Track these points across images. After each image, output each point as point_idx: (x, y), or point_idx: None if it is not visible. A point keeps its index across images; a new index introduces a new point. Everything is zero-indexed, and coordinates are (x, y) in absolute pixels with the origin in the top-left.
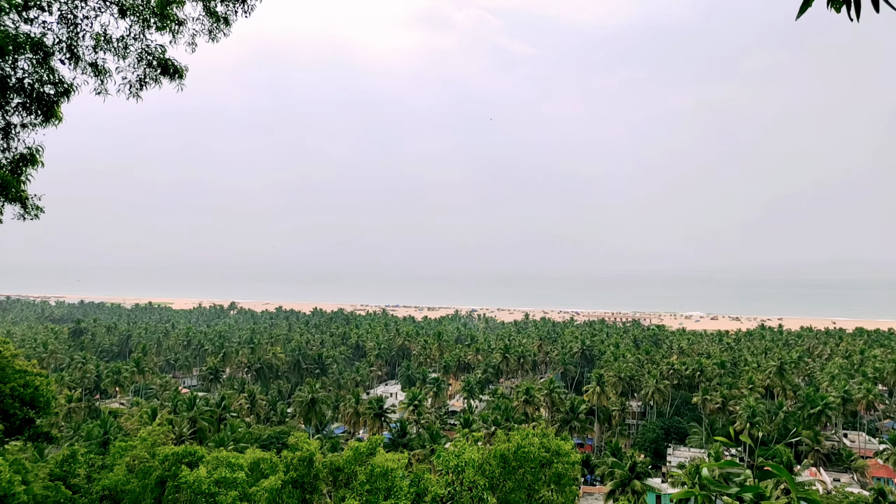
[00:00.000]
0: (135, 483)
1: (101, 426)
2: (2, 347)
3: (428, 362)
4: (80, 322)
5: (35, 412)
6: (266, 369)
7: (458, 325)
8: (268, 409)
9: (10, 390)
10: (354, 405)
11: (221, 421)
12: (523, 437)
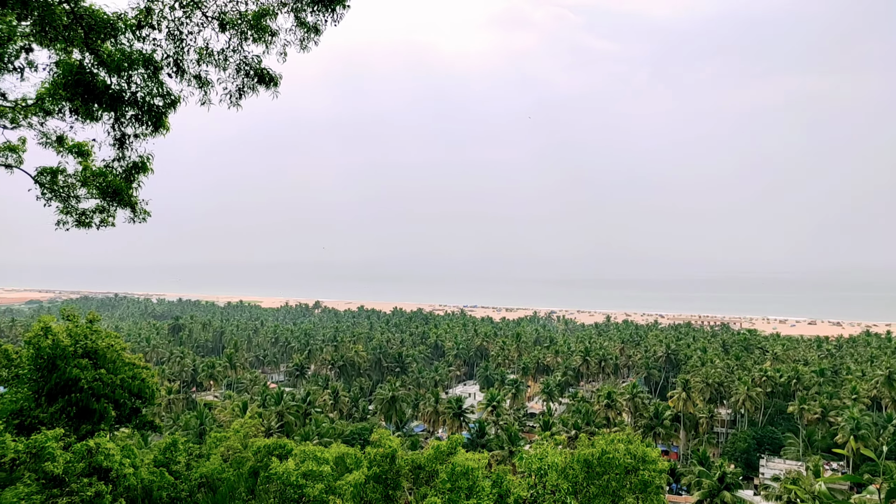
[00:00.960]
0: (230, 472)
1: (198, 417)
2: (114, 341)
3: (506, 363)
4: (179, 319)
5: (141, 402)
6: (348, 367)
7: (536, 327)
8: (350, 406)
9: (120, 381)
10: (434, 404)
11: (307, 416)
12: (608, 442)
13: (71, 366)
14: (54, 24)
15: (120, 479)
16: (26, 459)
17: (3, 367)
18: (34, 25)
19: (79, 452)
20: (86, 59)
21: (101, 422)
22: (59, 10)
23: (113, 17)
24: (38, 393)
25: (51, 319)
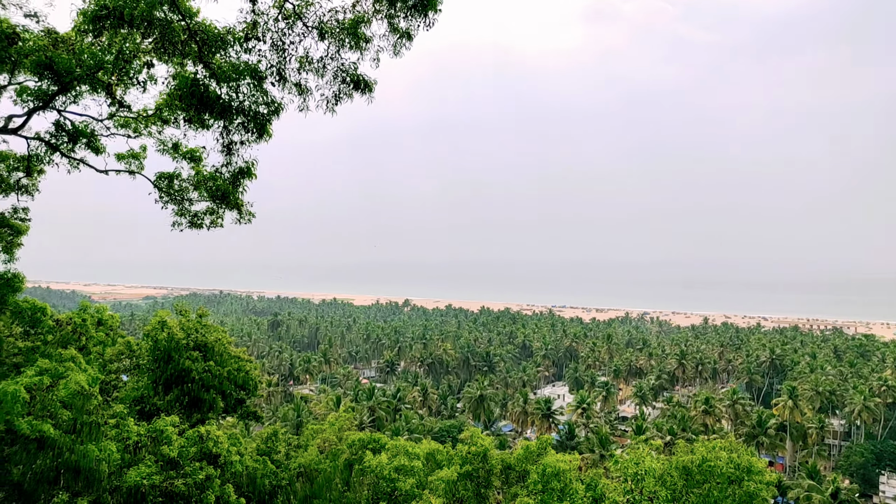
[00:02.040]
0: (326, 464)
1: (295, 409)
2: (221, 335)
3: (596, 365)
4: (277, 315)
5: (245, 394)
6: (437, 364)
7: (628, 328)
8: (439, 403)
9: (227, 373)
10: (522, 404)
11: (397, 412)
12: (709, 449)
13: (184, 358)
14: (173, 40)
15: (227, 465)
16: (147, 443)
17: (125, 357)
18: (155, 42)
19: (191, 438)
20: (199, 71)
21: (210, 411)
22: (177, 27)
23: (223, 31)
24: (156, 382)
25: (166, 314)
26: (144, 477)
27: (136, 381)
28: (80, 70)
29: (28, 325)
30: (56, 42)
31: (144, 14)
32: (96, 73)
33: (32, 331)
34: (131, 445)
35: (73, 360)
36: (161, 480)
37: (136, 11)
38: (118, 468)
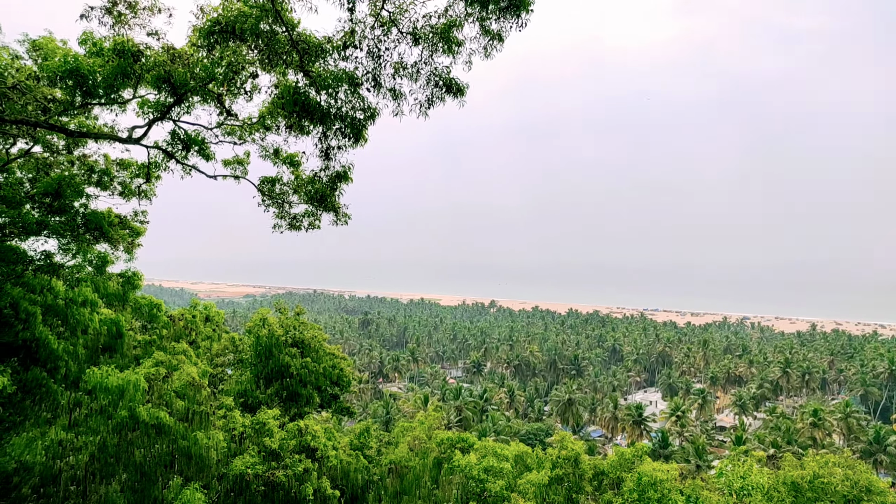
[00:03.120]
0: (416, 461)
1: (384, 407)
2: (316, 333)
3: (691, 372)
4: (368, 314)
5: (339, 389)
6: (523, 366)
7: (727, 334)
8: (525, 406)
9: (322, 370)
10: (612, 409)
11: (483, 412)
12: (821, 465)
13: (283, 354)
14: (277, 50)
15: (324, 458)
16: (251, 434)
17: (230, 352)
18: (261, 53)
19: (291, 431)
20: (299, 80)
21: (307, 405)
22: (281, 38)
23: (323, 40)
24: (258, 377)
25: (267, 312)
26: (249, 466)
27: (240, 375)
28: (194, 82)
29: (146, 320)
30: (173, 57)
31: (253, 27)
32: (207, 85)
33: (149, 325)
34: (237, 436)
35: (184, 353)
36: (264, 471)
37: (245, 25)
38: (225, 456)
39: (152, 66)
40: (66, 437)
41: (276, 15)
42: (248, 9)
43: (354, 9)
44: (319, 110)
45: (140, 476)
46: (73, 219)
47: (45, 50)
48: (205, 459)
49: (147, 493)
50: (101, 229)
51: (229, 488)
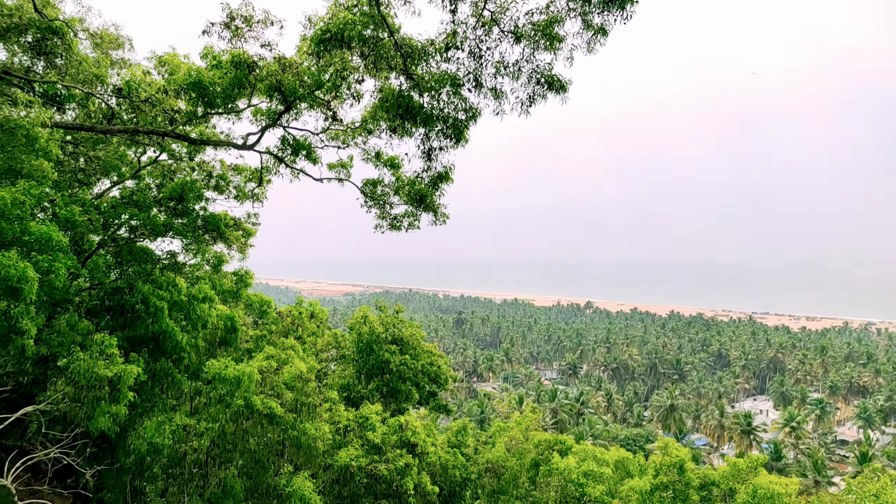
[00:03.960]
0: (513, 461)
1: (479, 406)
2: (415, 331)
3: (807, 380)
4: (461, 314)
5: (437, 387)
6: (621, 369)
7: (848, 340)
8: (624, 410)
9: (421, 367)
10: (718, 417)
11: (580, 415)
12: None
13: (383, 350)
14: (382, 55)
15: (424, 454)
16: (354, 427)
17: (332, 347)
18: (367, 59)
19: (392, 427)
20: (402, 83)
21: (406, 401)
22: (387, 43)
23: (426, 43)
24: (360, 372)
25: (367, 310)
26: (353, 459)
27: (343, 370)
28: (302, 90)
29: (257, 316)
30: (284, 67)
31: (359, 34)
32: (315, 92)
33: (260, 321)
34: (341, 428)
35: (292, 348)
36: (367, 463)
37: (352, 32)
38: (330, 448)
39: (265, 77)
40: (190, 422)
41: (381, 21)
42: (353, 16)
43: (457, 10)
44: (422, 112)
45: (254, 463)
46: (194, 221)
47: (171, 65)
48: (312, 449)
49: (261, 479)
50: (219, 230)
51: (335, 478)
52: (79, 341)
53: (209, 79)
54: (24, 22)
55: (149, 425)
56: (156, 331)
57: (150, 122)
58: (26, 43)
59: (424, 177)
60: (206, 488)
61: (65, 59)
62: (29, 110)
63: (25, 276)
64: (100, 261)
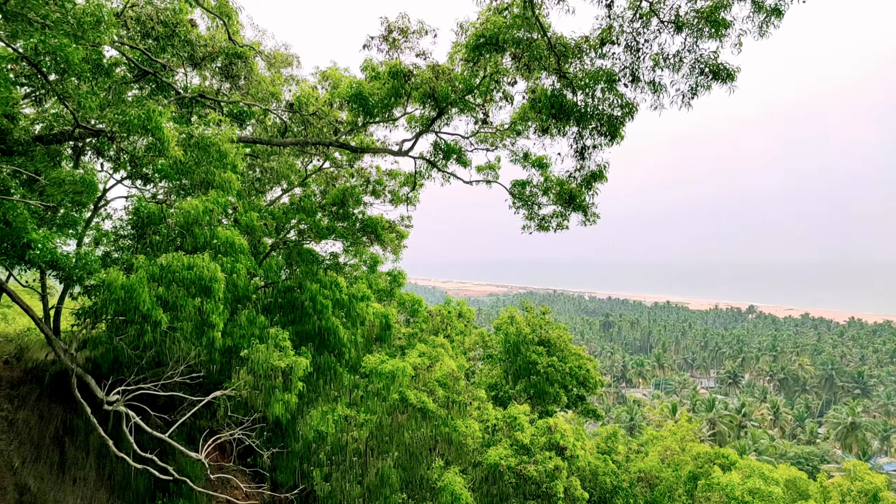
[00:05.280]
0: (668, 473)
1: (628, 412)
2: (562, 333)
3: None
4: (609, 316)
5: (585, 391)
6: (790, 380)
7: None
8: (793, 425)
9: (568, 369)
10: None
11: (741, 428)
12: None
13: (530, 351)
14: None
15: (573, 458)
16: (503, 427)
17: (479, 346)
18: (519, 60)
19: (541, 428)
20: (554, 83)
21: (553, 403)
22: (540, 43)
23: (580, 40)
24: (507, 372)
25: (514, 310)
26: (502, 458)
27: (490, 370)
28: (454, 95)
29: (409, 314)
30: (437, 74)
31: (513, 37)
32: (466, 97)
33: (412, 319)
34: (490, 427)
35: (442, 346)
36: (516, 463)
37: (506, 36)
38: (480, 445)
39: (419, 85)
40: (350, 413)
41: (534, 22)
42: (505, 20)
43: (612, 4)
44: (576, 111)
45: (408, 455)
46: (354, 224)
47: (333, 79)
48: (463, 446)
49: (414, 472)
50: (376, 233)
51: (484, 476)
52: (257, 334)
53: (368, 90)
54: (216, 50)
55: (315, 414)
56: (321, 327)
57: (317, 133)
58: (216, 68)
59: (577, 176)
60: (364, 476)
61: (247, 80)
62: (219, 128)
63: (215, 277)
64: (272, 262)
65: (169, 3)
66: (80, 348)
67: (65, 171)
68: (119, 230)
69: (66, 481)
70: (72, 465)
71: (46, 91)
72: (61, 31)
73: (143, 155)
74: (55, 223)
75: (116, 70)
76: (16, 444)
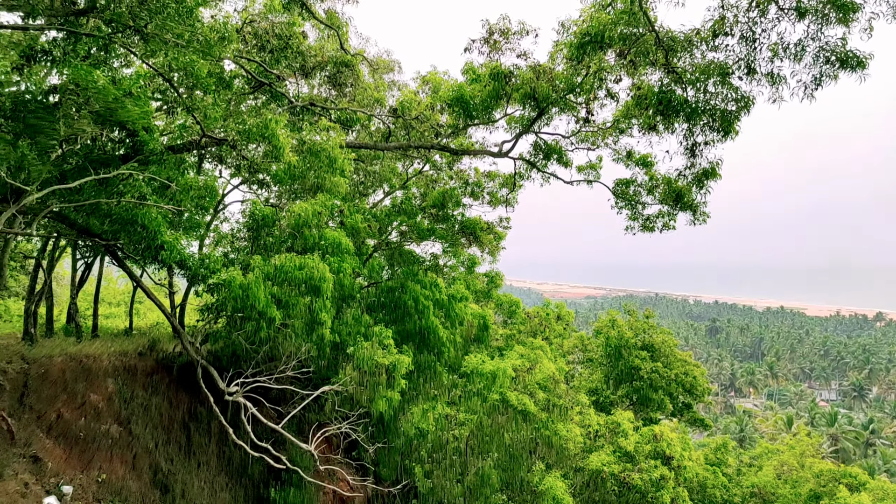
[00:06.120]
0: (785, 490)
1: (738, 423)
2: (667, 338)
3: None
4: (716, 321)
5: (692, 398)
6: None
7: None
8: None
9: (674, 376)
10: None
11: (869, 446)
12: None
13: (632, 356)
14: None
15: (681, 468)
16: (605, 433)
17: (579, 350)
18: (622, 57)
19: (645, 436)
20: (662, 78)
21: (657, 411)
22: (648, 38)
23: (690, 33)
24: (607, 377)
25: (616, 313)
26: (605, 464)
27: (590, 374)
28: (555, 95)
29: (506, 316)
30: (538, 74)
31: (620, 34)
32: (567, 96)
33: (509, 321)
34: (592, 433)
35: (541, 349)
36: (619, 471)
37: (612, 33)
38: (581, 451)
39: (520, 86)
40: (451, 412)
41: (642, 16)
42: (610, 16)
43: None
44: (686, 107)
45: (508, 457)
46: (453, 226)
47: (433, 83)
48: (564, 450)
49: (514, 473)
50: (474, 234)
51: (585, 482)
52: (362, 332)
53: (469, 93)
54: (325, 59)
55: (416, 411)
56: (422, 326)
57: (419, 137)
58: (324, 76)
59: (687, 174)
60: (464, 475)
61: (353, 86)
62: (328, 134)
63: (324, 276)
64: (375, 262)
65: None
66: (203, 342)
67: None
68: (236, 232)
69: (191, 464)
70: (196, 449)
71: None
72: (191, 48)
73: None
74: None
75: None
76: (150, 428)
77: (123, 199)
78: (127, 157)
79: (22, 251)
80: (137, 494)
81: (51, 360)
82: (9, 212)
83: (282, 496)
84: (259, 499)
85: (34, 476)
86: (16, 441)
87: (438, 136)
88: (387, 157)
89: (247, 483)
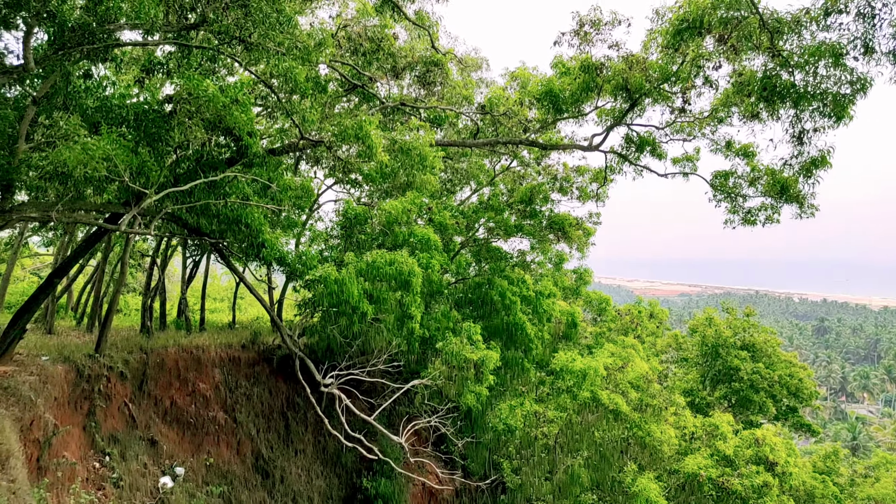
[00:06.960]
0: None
1: (850, 430)
2: (769, 337)
3: None
4: (824, 320)
5: (798, 402)
6: None
7: None
8: None
9: (777, 377)
10: None
11: None
12: None
13: (731, 356)
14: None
15: (786, 475)
16: (702, 435)
17: (673, 349)
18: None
19: (746, 440)
20: (766, 63)
21: (759, 413)
22: (752, 20)
23: (798, 13)
24: (703, 377)
25: (713, 311)
26: (702, 468)
27: (685, 374)
28: (649, 85)
29: (595, 313)
30: (631, 64)
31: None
32: (662, 86)
33: (599, 318)
34: (688, 434)
35: (633, 347)
36: (717, 475)
37: (712, 17)
38: (675, 453)
39: (612, 77)
40: (539, 409)
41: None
42: (709, 0)
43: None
44: (793, 91)
45: (599, 456)
46: (540, 222)
47: (522, 79)
48: (657, 452)
49: (605, 473)
50: (563, 230)
51: (680, 485)
52: (450, 327)
53: (559, 86)
54: (415, 60)
55: (503, 407)
56: (509, 322)
57: (506, 132)
58: (414, 76)
59: (793, 163)
60: (553, 473)
61: (442, 85)
62: (418, 133)
63: (414, 271)
64: (462, 259)
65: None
66: (300, 335)
67: (288, 179)
68: (329, 230)
69: (289, 451)
70: (294, 437)
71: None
72: (290, 55)
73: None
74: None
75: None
76: (252, 416)
77: (229, 200)
78: (232, 160)
79: (139, 250)
80: (241, 479)
81: (165, 351)
82: (131, 213)
83: (374, 486)
84: (352, 487)
85: (151, 458)
86: (137, 424)
87: (526, 131)
88: (474, 153)
89: (340, 472)
